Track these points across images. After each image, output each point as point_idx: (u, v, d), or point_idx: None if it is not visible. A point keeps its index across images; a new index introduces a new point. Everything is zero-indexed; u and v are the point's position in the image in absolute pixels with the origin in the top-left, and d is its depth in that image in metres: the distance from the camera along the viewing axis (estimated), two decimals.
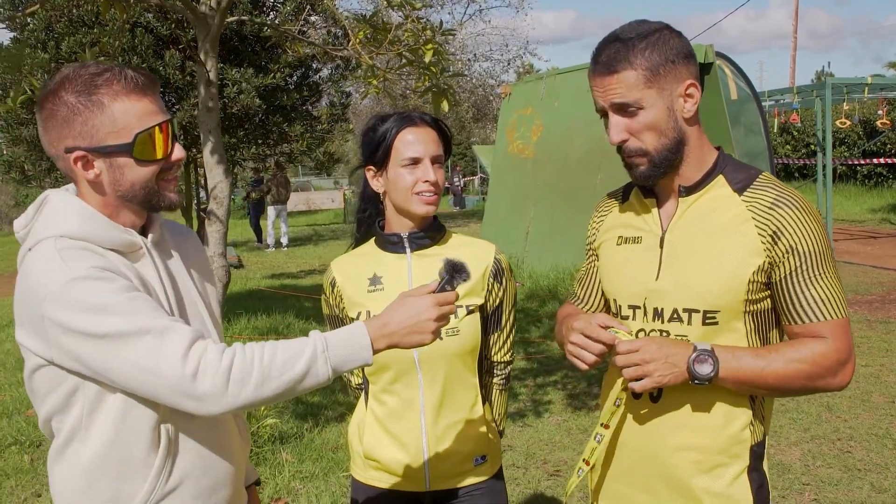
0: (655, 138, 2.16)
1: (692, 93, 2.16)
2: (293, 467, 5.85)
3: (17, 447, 6.56)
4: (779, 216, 2.12)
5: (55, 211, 2.05)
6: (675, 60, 2.13)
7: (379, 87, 5.71)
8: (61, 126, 2.01)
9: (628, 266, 2.33)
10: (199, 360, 1.88)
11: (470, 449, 2.71)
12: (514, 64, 27.13)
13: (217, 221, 5.31)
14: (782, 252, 2.11)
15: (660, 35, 2.14)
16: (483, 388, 2.78)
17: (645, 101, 2.13)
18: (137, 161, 2.03)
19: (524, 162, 14.72)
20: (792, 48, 38.18)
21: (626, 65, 2.12)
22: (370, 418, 2.74)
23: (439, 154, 2.68)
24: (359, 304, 2.70)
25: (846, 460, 5.77)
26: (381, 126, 2.68)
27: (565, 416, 6.85)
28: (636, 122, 2.16)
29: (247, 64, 9.57)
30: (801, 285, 2.12)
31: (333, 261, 2.84)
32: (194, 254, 2.36)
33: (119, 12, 5.31)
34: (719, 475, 2.21)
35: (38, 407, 2.08)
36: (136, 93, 2.02)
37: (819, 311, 2.12)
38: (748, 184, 2.20)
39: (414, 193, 2.63)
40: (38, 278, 1.92)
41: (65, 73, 2.04)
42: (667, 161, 2.19)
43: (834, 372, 2.13)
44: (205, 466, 2.13)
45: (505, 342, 2.83)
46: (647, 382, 2.09)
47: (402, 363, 2.62)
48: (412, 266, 2.69)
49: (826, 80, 16.46)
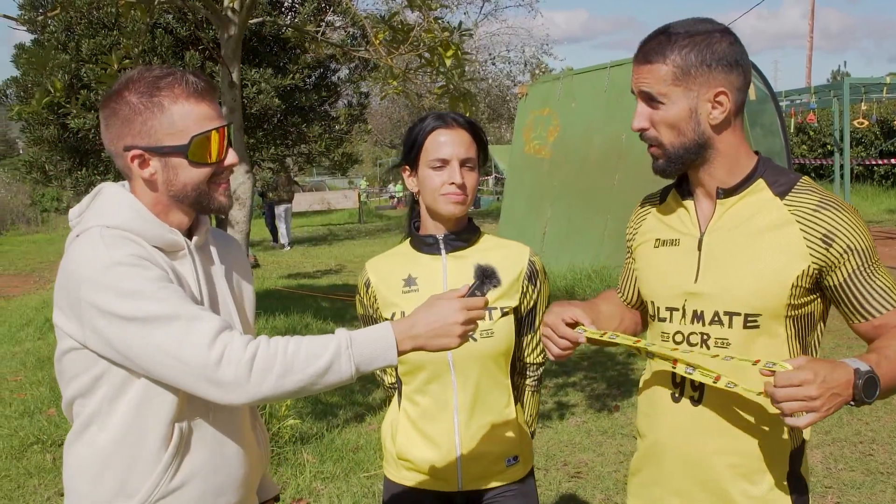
0: (673, 135, 2.16)
1: (721, 101, 2.13)
2: (314, 468, 5.86)
3: (40, 446, 6.60)
4: (827, 219, 2.10)
5: (107, 202, 2.12)
6: (711, 65, 2.10)
7: (399, 87, 5.72)
8: (122, 125, 2.08)
9: (666, 268, 2.32)
10: (225, 347, 1.91)
11: (502, 450, 2.72)
12: (531, 64, 27.12)
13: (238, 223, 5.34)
14: (839, 253, 2.09)
15: (708, 37, 2.12)
16: (515, 389, 2.79)
17: (669, 96, 2.13)
18: (191, 163, 2.09)
19: (541, 162, 14.70)
20: (808, 48, 38.04)
21: (660, 58, 2.12)
22: (403, 418, 2.76)
23: (470, 157, 2.67)
24: (393, 304, 2.71)
25: (868, 463, 5.75)
26: (418, 125, 2.70)
27: (585, 418, 6.84)
28: (657, 114, 2.16)
29: (266, 64, 9.61)
30: (866, 282, 2.12)
31: (368, 261, 2.86)
32: (236, 262, 2.40)
33: (141, 15, 5.34)
34: (758, 481, 2.20)
35: (64, 389, 2.14)
36: (195, 97, 2.09)
37: (887, 301, 2.13)
38: (789, 188, 2.18)
39: (441, 195, 2.64)
40: (79, 262, 1.99)
41: (130, 75, 2.12)
42: (682, 160, 2.19)
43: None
44: (213, 469, 2.16)
45: (538, 344, 2.83)
46: (813, 418, 1.89)
47: (436, 364, 2.64)
48: (447, 268, 2.70)
49: (844, 80, 16.40)
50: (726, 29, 2.18)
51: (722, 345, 2.19)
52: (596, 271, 12.23)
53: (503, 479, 2.74)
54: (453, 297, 2.11)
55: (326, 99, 10.71)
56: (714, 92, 2.13)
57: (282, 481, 5.64)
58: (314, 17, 8.98)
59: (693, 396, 2.24)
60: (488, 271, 2.18)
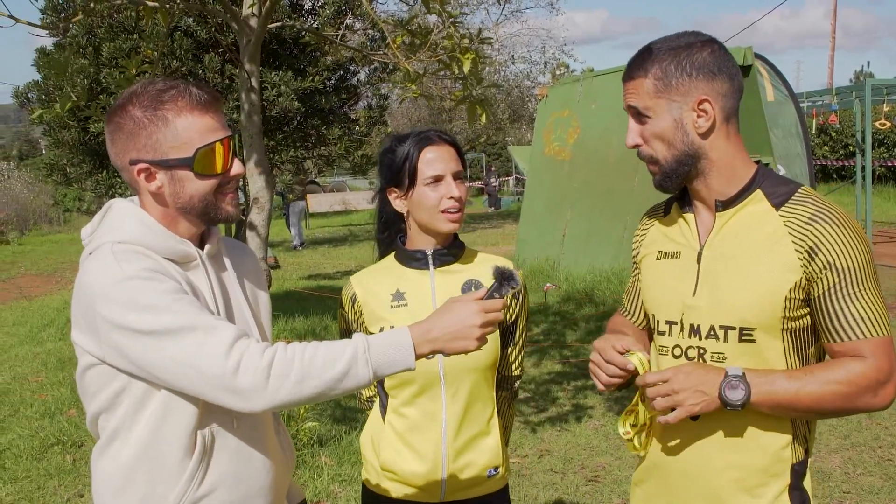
0: (664, 148, 2.18)
1: (705, 108, 2.13)
2: (332, 470, 5.88)
3: (60, 447, 6.65)
4: (816, 231, 2.08)
5: (117, 218, 2.14)
6: (691, 74, 2.12)
7: (417, 90, 5.74)
8: (127, 139, 2.09)
9: (666, 281, 2.32)
10: (242, 356, 1.92)
11: (485, 461, 2.74)
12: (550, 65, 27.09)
13: (257, 228, 5.36)
14: (819, 268, 2.07)
15: (688, 48, 2.14)
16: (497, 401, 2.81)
17: (653, 109, 2.16)
18: (197, 175, 2.10)
19: (561, 164, 14.68)
20: (830, 48, 37.83)
21: (642, 72, 2.16)
22: (388, 432, 2.75)
23: (460, 170, 2.71)
24: (381, 318, 2.71)
25: (887, 468, 5.72)
26: (400, 147, 2.70)
27: (604, 421, 6.83)
28: (646, 129, 2.19)
29: (286, 67, 9.65)
30: (840, 302, 2.08)
31: (353, 276, 2.86)
32: (249, 270, 2.41)
33: (162, 19, 5.37)
34: (760, 494, 2.19)
35: (88, 405, 2.15)
36: (199, 109, 2.10)
37: (859, 328, 2.07)
38: (787, 198, 2.16)
39: (440, 212, 2.65)
40: (93, 279, 2.00)
41: (133, 88, 2.13)
42: (676, 173, 2.20)
43: (873, 392, 2.07)
44: (239, 476, 2.17)
45: (518, 356, 2.86)
46: (679, 413, 2.09)
47: (426, 377, 2.64)
48: (435, 282, 2.72)
49: (865, 81, 16.29)
50: (711, 40, 2.18)
51: (718, 359, 2.18)
52: (615, 273, 12.21)
53: (484, 489, 2.76)
54: (471, 300, 2.11)
55: (346, 101, 10.74)
56: (696, 100, 2.13)
57: (300, 484, 5.66)
58: (334, 20, 9.00)
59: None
60: (507, 273, 2.17)
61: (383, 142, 2.87)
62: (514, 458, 6.07)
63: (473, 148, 34.96)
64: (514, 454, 6.15)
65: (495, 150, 48.63)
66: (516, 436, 6.48)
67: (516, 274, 2.20)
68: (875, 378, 2.06)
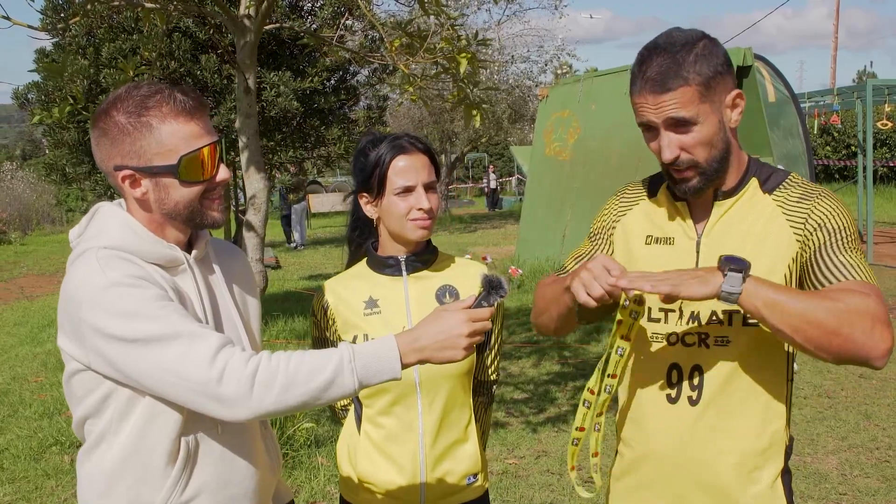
0: (707, 151, 2.12)
1: (738, 102, 2.14)
2: (328, 471, 5.88)
3: (58, 448, 6.67)
4: (807, 205, 2.14)
5: (103, 222, 2.12)
6: (722, 71, 2.09)
7: (415, 93, 5.74)
8: (111, 145, 2.07)
9: (662, 269, 2.21)
10: (226, 364, 1.91)
11: (464, 469, 2.71)
12: (552, 65, 27.06)
13: (254, 228, 5.36)
14: (812, 229, 2.11)
15: (705, 45, 2.10)
16: (474, 407, 2.78)
17: (700, 116, 2.09)
18: (182, 182, 2.08)
19: (561, 165, 14.68)
20: (832, 48, 37.79)
21: (681, 81, 2.06)
22: (364, 442, 2.72)
23: (432, 180, 2.65)
24: (355, 326, 2.68)
25: (884, 470, 5.71)
26: (373, 152, 2.65)
27: None
28: (690, 137, 2.11)
29: (284, 67, 9.65)
30: (831, 254, 2.08)
31: (326, 283, 2.81)
32: (239, 273, 2.40)
33: (160, 20, 5.38)
34: (757, 478, 2.21)
35: (74, 409, 2.15)
36: (184, 115, 2.07)
37: (850, 272, 2.05)
38: (778, 184, 2.21)
39: (409, 220, 2.61)
40: (77, 284, 1.99)
41: (118, 93, 2.11)
42: (716, 172, 2.17)
43: (870, 328, 1.92)
44: (223, 481, 2.16)
45: (493, 361, 2.84)
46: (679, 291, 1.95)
47: (402, 385, 2.60)
48: (409, 289, 2.68)
49: (867, 82, 16.27)
50: (705, 33, 2.15)
51: (722, 343, 2.19)
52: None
53: (463, 497, 2.73)
54: (458, 309, 2.08)
55: (345, 102, 10.74)
56: (732, 95, 2.13)
57: (296, 485, 5.67)
58: (333, 21, 9.01)
59: (691, 397, 2.22)
60: (495, 282, 2.14)
61: (359, 140, 2.82)
62: (511, 458, 6.08)
63: (475, 148, 34.95)
64: (512, 455, 6.16)
65: (497, 151, 48.62)
66: (514, 436, 6.50)
67: (504, 282, 2.16)
68: (875, 311, 1.95)
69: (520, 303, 12.04)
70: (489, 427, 2.97)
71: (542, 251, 14.29)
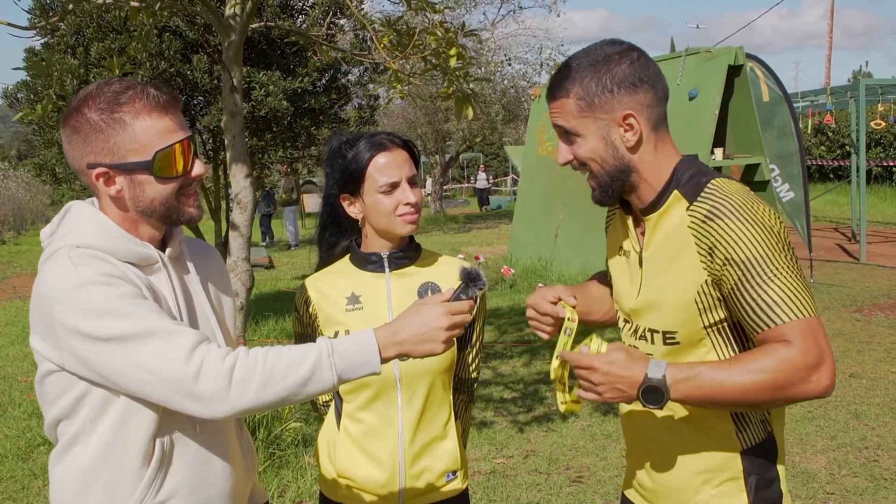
0: (596, 166, 2.15)
1: (631, 123, 2.09)
2: (315, 471, 5.85)
3: (46, 447, 6.64)
4: (712, 229, 2.02)
5: (75, 221, 2.10)
6: (613, 90, 2.07)
7: (404, 91, 5.73)
8: (84, 142, 2.05)
9: (621, 280, 2.35)
10: (202, 361, 1.89)
11: (443, 466, 2.71)
12: (547, 66, 27.04)
13: (238, 228, 5.35)
14: (720, 265, 2.02)
15: (607, 62, 2.09)
16: (454, 405, 2.78)
17: (580, 129, 2.12)
18: (157, 178, 2.06)
19: (554, 164, 14.64)
20: (827, 48, 37.81)
21: (563, 93, 2.12)
22: (344, 437, 2.71)
23: (414, 174, 2.65)
24: (337, 322, 2.67)
25: (873, 469, 5.71)
26: (351, 152, 2.64)
27: (590, 422, 6.82)
28: (575, 148, 2.15)
29: (274, 67, 9.63)
30: (751, 293, 1.99)
31: (308, 279, 2.81)
32: (213, 271, 2.39)
33: (147, 18, 5.37)
34: (709, 479, 2.20)
35: (46, 411, 2.12)
36: (157, 111, 2.05)
37: (777, 314, 1.97)
38: (697, 194, 2.10)
39: (397, 216, 2.61)
40: (50, 284, 1.96)
41: (89, 89, 2.08)
42: (612, 188, 2.17)
43: (805, 378, 1.95)
44: (198, 483, 2.15)
45: (475, 359, 2.84)
46: (592, 397, 2.05)
47: (382, 381, 2.60)
48: (391, 285, 2.68)
49: (860, 81, 16.30)
50: (630, 48, 2.13)
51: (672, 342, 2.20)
52: None
53: (442, 494, 2.73)
54: (438, 302, 2.08)
55: (336, 101, 10.72)
56: (621, 115, 2.09)
57: (283, 484, 5.66)
58: (323, 19, 8.99)
59: None
60: (474, 275, 2.15)
61: (329, 140, 2.81)
62: (499, 458, 6.08)
63: (471, 148, 34.93)
64: (500, 454, 6.15)
65: (493, 150, 48.60)
66: (502, 436, 6.50)
67: (483, 275, 2.16)
68: (803, 362, 1.95)
69: (512, 302, 12.03)
70: (469, 425, 2.97)
71: (534, 251, 14.29)
